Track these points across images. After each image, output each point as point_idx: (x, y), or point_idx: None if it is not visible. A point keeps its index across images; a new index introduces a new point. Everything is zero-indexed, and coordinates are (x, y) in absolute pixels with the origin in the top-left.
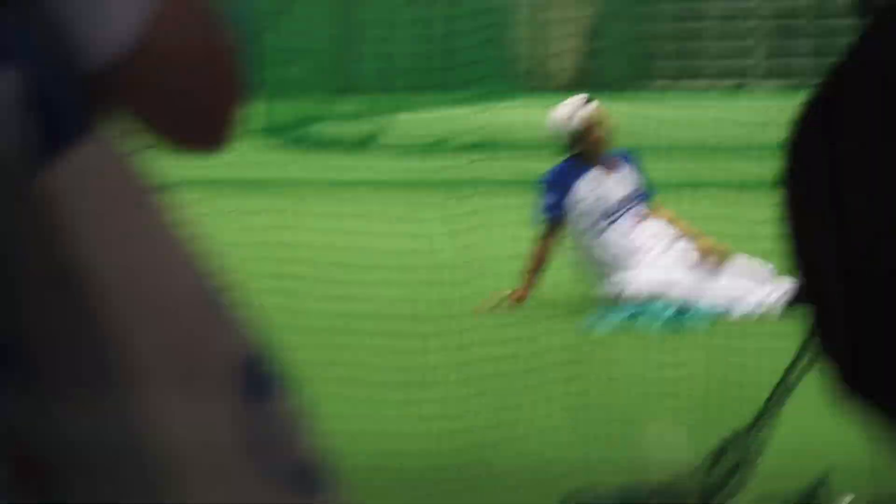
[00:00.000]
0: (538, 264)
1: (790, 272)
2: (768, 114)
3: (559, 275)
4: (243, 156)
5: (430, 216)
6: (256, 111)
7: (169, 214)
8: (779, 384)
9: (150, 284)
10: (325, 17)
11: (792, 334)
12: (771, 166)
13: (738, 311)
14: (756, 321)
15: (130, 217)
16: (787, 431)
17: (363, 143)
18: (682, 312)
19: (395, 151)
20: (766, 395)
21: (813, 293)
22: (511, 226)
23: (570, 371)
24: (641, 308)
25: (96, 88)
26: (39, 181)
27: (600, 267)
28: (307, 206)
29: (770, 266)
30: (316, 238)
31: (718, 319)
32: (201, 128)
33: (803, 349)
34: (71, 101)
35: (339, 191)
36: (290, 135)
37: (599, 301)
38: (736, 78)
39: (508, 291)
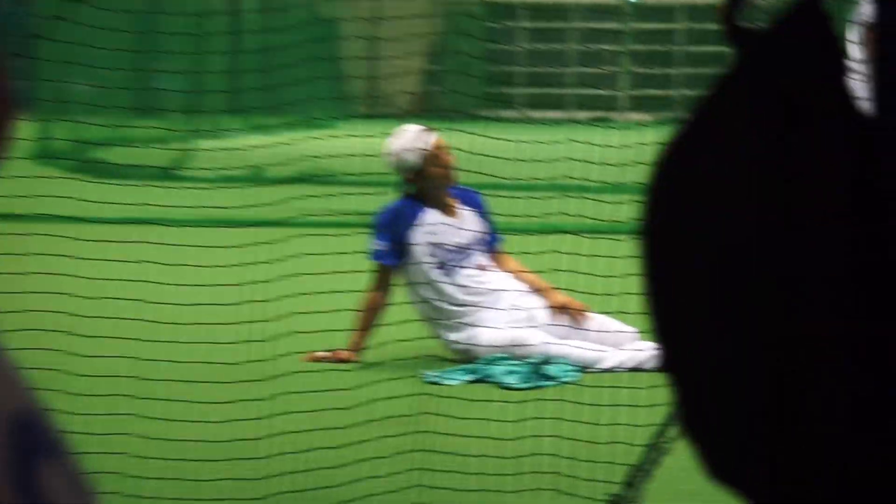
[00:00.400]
0: (369, 318)
1: (652, 336)
2: (634, 151)
3: (395, 329)
4: (11, 185)
5: (240, 260)
6: (28, 133)
7: None
8: (649, 449)
9: None
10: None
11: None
12: (634, 211)
13: (598, 367)
14: (622, 375)
15: None
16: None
17: (162, 173)
18: (538, 368)
19: (200, 183)
20: (635, 457)
21: (674, 365)
22: (336, 274)
23: (413, 425)
24: (490, 366)
25: None
26: None
27: (440, 320)
28: (89, 249)
29: (632, 329)
30: (95, 287)
31: (579, 374)
32: None
33: (670, 418)
34: None
35: (129, 229)
36: (72, 161)
37: (443, 356)
38: (599, 109)
39: (333, 350)
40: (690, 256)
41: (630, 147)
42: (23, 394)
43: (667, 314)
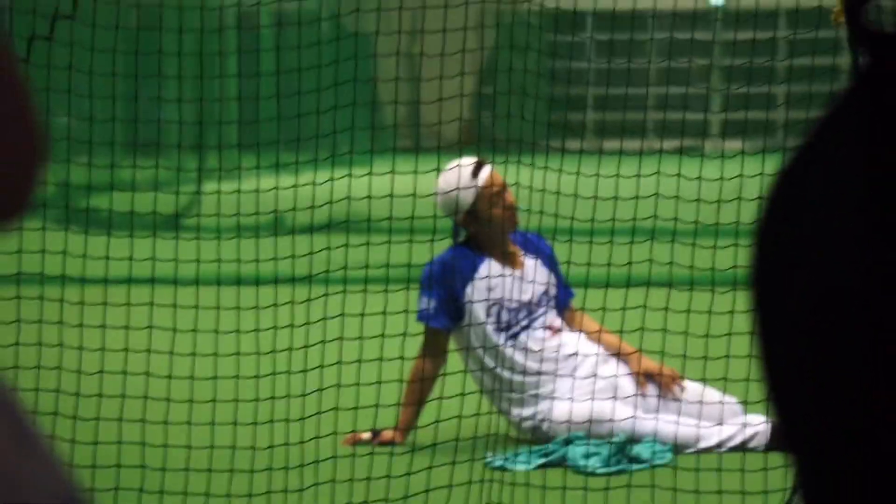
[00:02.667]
0: (419, 391)
1: (766, 409)
2: (733, 186)
3: (451, 404)
4: None
5: (262, 324)
6: None
7: None
8: None
9: None
10: (110, 43)
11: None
12: (738, 258)
13: (696, 447)
14: (725, 456)
15: None
16: None
17: (167, 222)
18: (623, 449)
19: (212, 234)
20: None
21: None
22: (377, 339)
23: None
24: (566, 447)
25: None
26: None
27: (504, 393)
28: (80, 314)
29: (734, 400)
30: (91, 360)
31: (672, 455)
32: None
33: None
34: None
35: (128, 290)
36: (56, 209)
37: (510, 436)
38: (686, 137)
39: (377, 430)
40: (815, 310)
41: (728, 181)
42: (68, 482)
43: (786, 379)
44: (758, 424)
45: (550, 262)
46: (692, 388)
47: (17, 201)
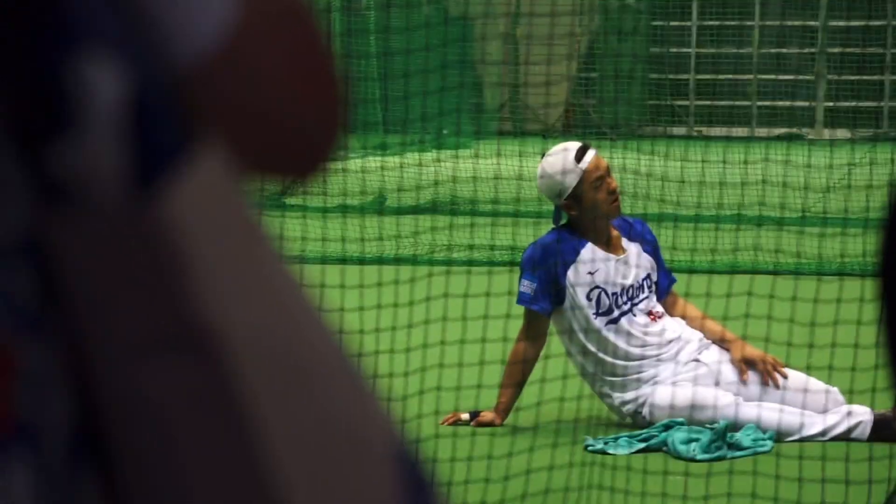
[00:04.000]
0: (518, 374)
1: (872, 399)
2: (844, 173)
3: (550, 387)
4: None
5: (361, 304)
6: None
7: (288, 263)
8: None
9: (292, 351)
10: None
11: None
12: (861, 248)
13: (798, 435)
14: (827, 445)
15: (258, 267)
16: None
17: (267, 200)
18: (724, 435)
19: (312, 213)
20: None
21: None
22: (478, 320)
23: (578, 501)
24: (666, 433)
25: (185, 95)
26: (145, 218)
27: (604, 377)
28: None
29: (835, 390)
30: None
31: (773, 443)
32: (297, 152)
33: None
34: (170, 112)
35: None
36: None
37: (609, 420)
38: (790, 125)
39: (476, 411)
40: None
41: (837, 169)
42: (394, 427)
43: None
44: (862, 414)
45: (652, 248)
46: (795, 377)
47: (319, 154)
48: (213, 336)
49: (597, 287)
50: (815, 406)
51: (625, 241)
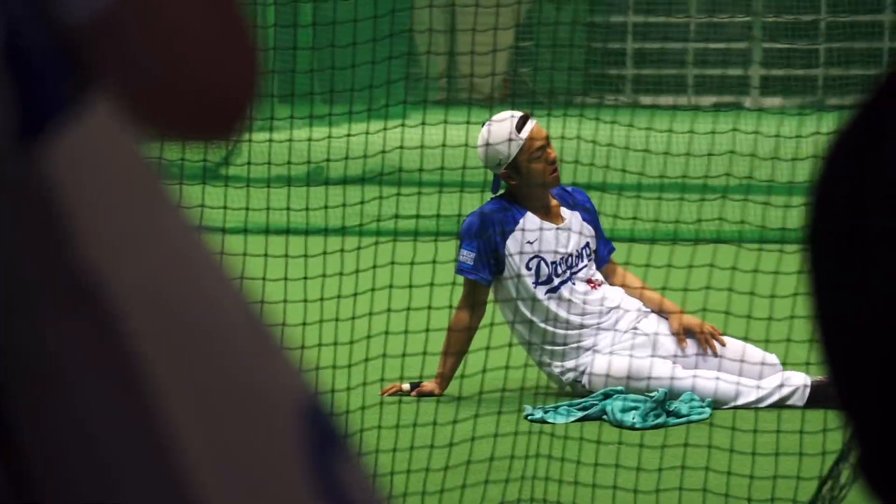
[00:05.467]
0: (457, 343)
1: (819, 367)
2: (779, 144)
3: (489, 356)
4: None
5: (300, 274)
6: None
7: (186, 214)
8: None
9: (189, 303)
10: None
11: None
12: (790, 214)
13: (734, 404)
14: (763, 413)
15: (151, 218)
16: None
17: (204, 172)
18: (662, 404)
19: (250, 183)
20: None
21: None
22: (415, 289)
23: (518, 470)
24: (605, 401)
25: (76, 48)
26: (29, 171)
27: (543, 346)
28: None
29: (773, 357)
30: None
31: (710, 411)
32: (207, 112)
33: (845, 454)
34: (57, 61)
35: None
36: None
37: (548, 389)
38: (728, 94)
39: (415, 383)
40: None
41: (777, 138)
42: (304, 382)
43: (841, 340)
44: (798, 380)
45: (591, 216)
46: (733, 345)
47: (230, 117)
48: (101, 289)
49: (536, 256)
50: (752, 374)
51: (564, 210)
